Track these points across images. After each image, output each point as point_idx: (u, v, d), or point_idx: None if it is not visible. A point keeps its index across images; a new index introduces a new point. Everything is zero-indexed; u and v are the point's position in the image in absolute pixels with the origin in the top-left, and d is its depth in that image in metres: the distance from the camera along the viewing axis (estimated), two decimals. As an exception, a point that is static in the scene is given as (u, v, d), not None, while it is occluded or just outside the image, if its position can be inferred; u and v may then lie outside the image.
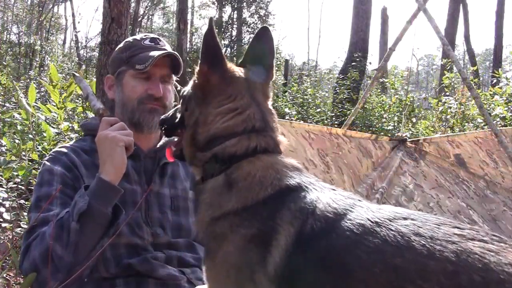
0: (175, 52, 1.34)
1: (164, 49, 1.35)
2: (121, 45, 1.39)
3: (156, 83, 1.32)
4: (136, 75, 1.31)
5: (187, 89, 1.03)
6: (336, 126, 6.97)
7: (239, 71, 1.00)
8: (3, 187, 3.02)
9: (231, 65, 1.00)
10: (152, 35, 1.40)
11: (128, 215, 1.21)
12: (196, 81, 0.99)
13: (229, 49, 18.15)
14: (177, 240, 1.32)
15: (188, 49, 13.26)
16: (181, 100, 1.05)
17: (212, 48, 0.95)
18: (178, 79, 1.47)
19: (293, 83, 10.55)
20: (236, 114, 0.94)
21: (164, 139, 1.41)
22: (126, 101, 1.32)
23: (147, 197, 1.30)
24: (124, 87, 1.32)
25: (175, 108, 1.08)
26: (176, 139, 1.45)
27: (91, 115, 3.88)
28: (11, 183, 3.15)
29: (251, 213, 0.84)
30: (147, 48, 1.33)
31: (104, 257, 1.22)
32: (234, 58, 18.37)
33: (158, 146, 1.37)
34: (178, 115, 1.05)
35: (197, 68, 0.98)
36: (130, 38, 1.38)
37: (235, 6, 18.81)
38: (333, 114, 7.96)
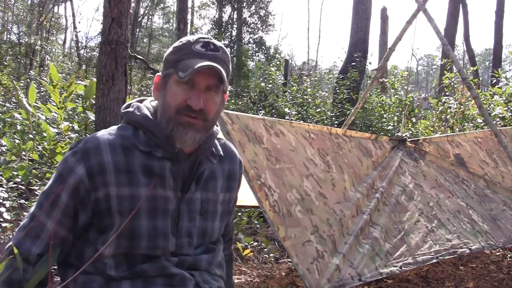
0: (217, 66, 1.20)
1: (214, 57, 1.23)
2: (175, 44, 1.28)
3: (197, 94, 1.19)
4: (180, 81, 1.20)
5: None
6: (336, 126, 6.98)
7: None
8: (3, 187, 3.03)
9: None
10: (206, 38, 1.26)
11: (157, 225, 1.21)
12: None
13: (229, 49, 18.15)
14: (196, 251, 1.30)
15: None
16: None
17: None
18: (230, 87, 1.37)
19: (293, 83, 10.55)
20: None
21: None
22: (165, 108, 1.22)
23: (179, 205, 1.25)
24: (167, 91, 1.23)
25: None
26: (218, 136, 1.36)
27: (91, 115, 3.88)
28: (11, 183, 3.15)
29: None
30: (195, 54, 1.22)
31: (118, 262, 1.21)
32: (234, 58, 18.39)
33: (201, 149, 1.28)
34: None
35: None
36: (184, 39, 1.27)
37: (235, 6, 18.82)
38: (333, 114, 7.96)
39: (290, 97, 8.69)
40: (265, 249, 3.64)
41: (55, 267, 1.31)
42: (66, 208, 1.19)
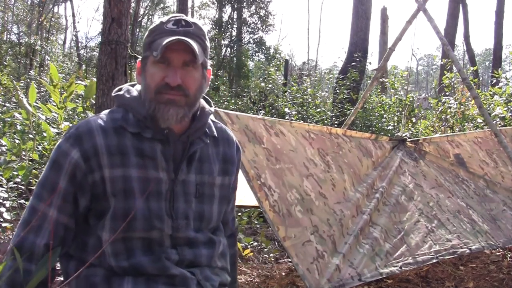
0: (186, 39, 1.19)
1: (187, 32, 1.23)
2: (150, 27, 1.30)
3: (173, 71, 1.20)
4: (156, 61, 1.22)
5: None
6: (336, 126, 6.98)
7: None
8: (3, 187, 3.03)
9: None
10: (178, 16, 1.26)
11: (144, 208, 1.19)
12: None
13: (229, 49, 18.15)
14: (196, 235, 1.28)
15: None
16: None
17: None
18: (211, 62, 1.37)
19: (293, 83, 10.55)
20: None
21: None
22: (146, 89, 1.23)
23: (174, 187, 1.25)
24: (146, 73, 1.24)
25: None
26: (212, 117, 1.34)
27: (91, 115, 3.89)
28: (11, 183, 3.15)
29: None
30: (166, 32, 1.22)
31: (115, 250, 1.20)
32: (234, 58, 18.39)
33: (192, 128, 1.28)
34: None
35: None
36: (157, 21, 1.29)
37: (235, 6, 18.80)
38: (333, 114, 7.96)
39: (290, 97, 8.70)
40: (265, 249, 3.64)
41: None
42: (66, 193, 1.20)
